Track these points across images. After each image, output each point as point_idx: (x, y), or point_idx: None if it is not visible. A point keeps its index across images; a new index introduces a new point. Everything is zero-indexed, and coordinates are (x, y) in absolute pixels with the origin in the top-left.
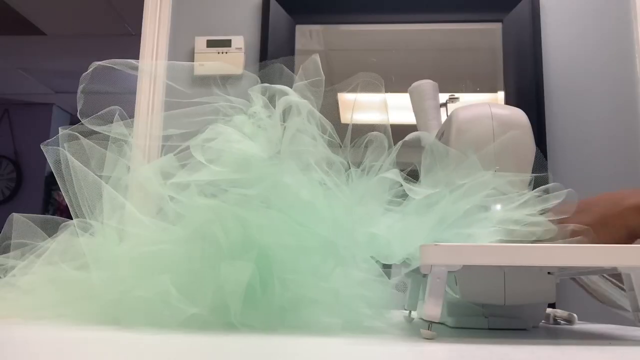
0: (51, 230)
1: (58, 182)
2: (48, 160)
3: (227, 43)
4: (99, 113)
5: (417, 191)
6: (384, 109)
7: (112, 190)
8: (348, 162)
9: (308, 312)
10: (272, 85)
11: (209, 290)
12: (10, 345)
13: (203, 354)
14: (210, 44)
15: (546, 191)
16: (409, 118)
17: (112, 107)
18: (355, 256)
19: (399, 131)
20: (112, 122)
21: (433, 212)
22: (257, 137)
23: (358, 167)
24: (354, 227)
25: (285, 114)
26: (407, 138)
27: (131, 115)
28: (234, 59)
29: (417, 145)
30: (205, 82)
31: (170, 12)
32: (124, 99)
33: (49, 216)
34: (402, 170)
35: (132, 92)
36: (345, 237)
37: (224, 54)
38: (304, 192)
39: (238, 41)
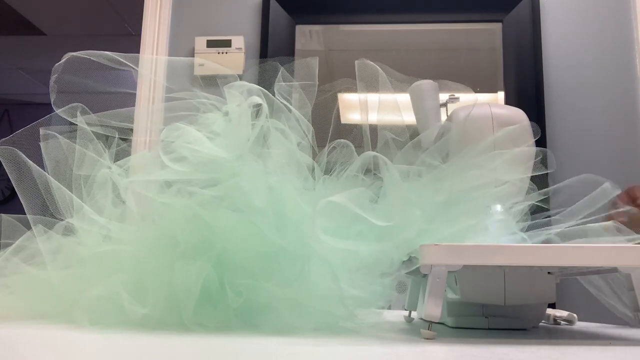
0: None
1: (12, 181)
2: (2, 161)
3: (227, 43)
4: (62, 109)
5: (374, 222)
6: (365, 110)
7: (65, 190)
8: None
9: (276, 314)
10: (246, 84)
11: (165, 290)
12: None
13: (198, 354)
14: (210, 44)
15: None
16: (410, 118)
17: (75, 104)
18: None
19: (400, 131)
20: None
21: (389, 239)
22: (226, 135)
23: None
24: (311, 240)
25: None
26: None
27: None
28: (234, 59)
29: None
30: (205, 82)
31: (170, 12)
32: (126, 96)
33: (45, 217)
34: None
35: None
36: (305, 249)
37: (224, 54)
38: (259, 197)
39: (238, 41)
